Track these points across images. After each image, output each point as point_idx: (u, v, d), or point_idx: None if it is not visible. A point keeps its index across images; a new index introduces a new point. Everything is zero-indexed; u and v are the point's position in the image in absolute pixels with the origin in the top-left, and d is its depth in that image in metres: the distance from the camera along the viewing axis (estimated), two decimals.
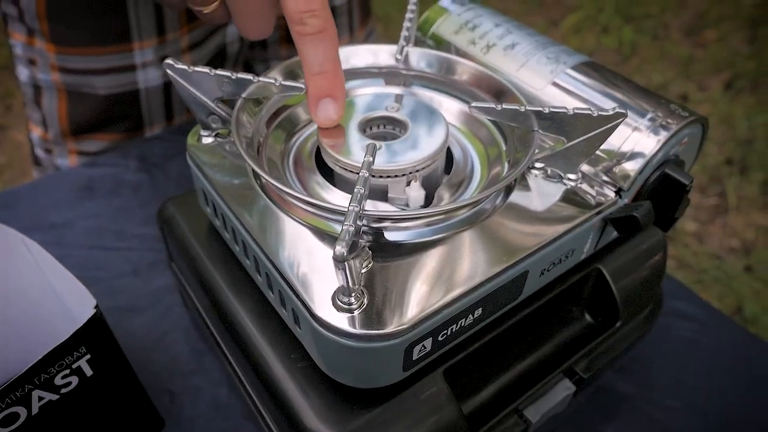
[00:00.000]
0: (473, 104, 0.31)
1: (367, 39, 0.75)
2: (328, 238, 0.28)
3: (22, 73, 0.59)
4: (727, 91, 1.69)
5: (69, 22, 0.54)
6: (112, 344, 0.32)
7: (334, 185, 0.32)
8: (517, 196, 0.31)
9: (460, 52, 0.39)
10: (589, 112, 0.29)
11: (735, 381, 0.44)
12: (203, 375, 0.42)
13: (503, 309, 0.31)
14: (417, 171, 0.30)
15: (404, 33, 0.36)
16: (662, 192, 0.33)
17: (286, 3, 0.29)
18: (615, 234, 0.35)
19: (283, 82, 0.31)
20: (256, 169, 0.28)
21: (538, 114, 0.30)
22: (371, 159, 0.26)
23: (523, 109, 0.30)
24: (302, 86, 0.31)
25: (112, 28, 0.55)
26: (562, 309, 0.38)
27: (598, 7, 1.99)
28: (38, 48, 0.57)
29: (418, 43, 0.42)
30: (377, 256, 0.27)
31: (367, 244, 0.28)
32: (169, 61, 0.31)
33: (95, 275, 0.50)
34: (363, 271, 0.26)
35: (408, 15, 0.37)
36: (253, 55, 0.71)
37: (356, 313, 0.25)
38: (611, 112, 0.29)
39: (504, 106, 0.30)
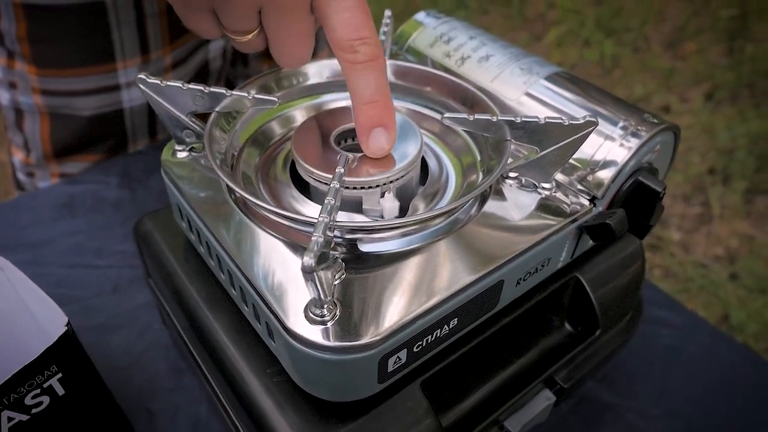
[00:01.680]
0: (446, 115, 0.31)
1: None
2: (301, 250, 0.28)
3: (3, 96, 0.59)
4: (708, 102, 1.71)
5: (51, 44, 0.54)
6: (85, 362, 0.32)
7: (311, 199, 0.31)
8: (491, 206, 0.31)
9: (436, 65, 0.40)
10: (561, 121, 0.29)
11: (717, 387, 0.44)
12: (182, 393, 0.42)
13: (480, 319, 0.31)
14: (390, 182, 0.30)
15: None
16: (636, 199, 0.33)
17: (335, 32, 0.28)
18: (592, 243, 0.35)
19: (257, 96, 0.31)
20: (227, 181, 0.28)
21: (510, 124, 0.30)
22: (342, 170, 0.26)
23: (495, 119, 0.30)
24: (275, 99, 0.31)
25: (95, 48, 0.55)
26: (541, 318, 0.37)
27: (580, 22, 2.02)
28: (19, 71, 0.56)
29: (395, 56, 0.42)
30: (351, 268, 0.27)
31: (342, 255, 0.28)
32: (141, 75, 0.31)
33: (74, 293, 0.49)
34: (336, 282, 0.26)
35: (382, 29, 0.38)
36: (236, 72, 0.72)
37: (328, 325, 0.25)
38: (582, 121, 0.29)
39: (476, 117, 0.30)
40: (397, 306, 0.26)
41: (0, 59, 0.57)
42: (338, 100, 0.37)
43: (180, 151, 0.34)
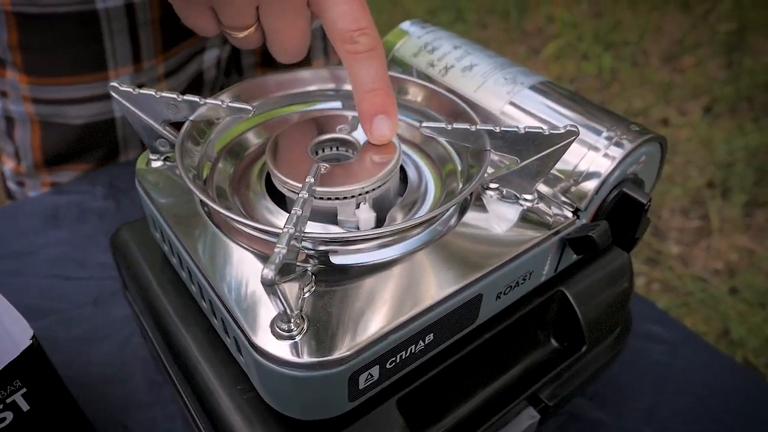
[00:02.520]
0: (424, 124, 0.30)
1: None
2: None
3: None
4: (707, 115, 1.71)
5: (42, 52, 0.54)
6: (52, 376, 0.31)
7: (287, 210, 0.31)
8: (471, 218, 0.30)
9: (420, 75, 0.39)
10: (541, 130, 0.29)
11: (710, 405, 0.43)
12: (159, 408, 0.41)
13: (459, 334, 0.30)
14: (366, 193, 0.29)
15: None
16: (621, 211, 0.33)
17: (334, 24, 0.29)
18: (577, 256, 0.34)
19: (230, 104, 0.31)
20: (195, 191, 0.27)
21: (490, 133, 0.29)
22: (312, 180, 0.26)
23: (473, 128, 0.29)
24: (249, 108, 0.31)
25: (87, 56, 0.55)
26: (526, 333, 0.36)
27: (578, 35, 2.03)
28: (9, 79, 0.56)
29: None
30: (323, 281, 0.26)
31: (313, 268, 0.27)
32: (114, 84, 0.30)
33: (55, 305, 0.48)
34: (305, 295, 0.25)
35: None
36: (230, 82, 0.71)
37: (295, 340, 0.24)
38: (563, 131, 0.28)
39: (455, 126, 0.30)
40: (368, 321, 0.25)
41: None
42: (316, 110, 0.36)
43: (155, 160, 0.33)
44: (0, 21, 0.52)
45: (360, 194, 0.29)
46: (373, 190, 0.29)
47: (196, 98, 0.30)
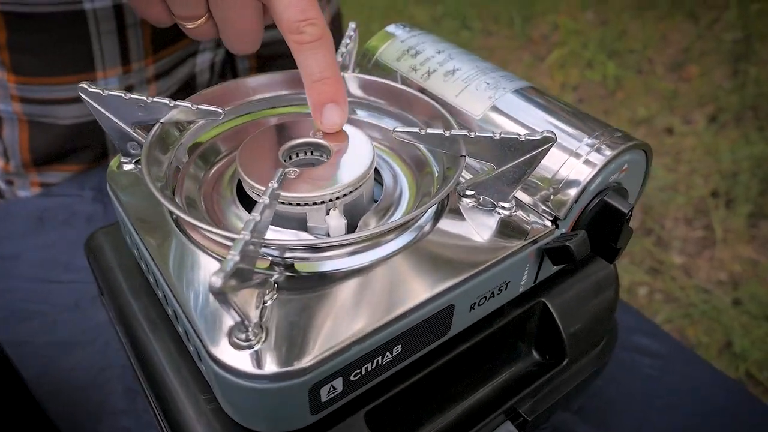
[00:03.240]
0: (397, 129, 0.30)
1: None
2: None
3: None
4: (712, 124, 1.69)
5: (30, 52, 0.54)
6: (16, 384, 0.30)
7: None
8: (445, 226, 0.29)
9: (403, 79, 0.38)
10: (516, 136, 0.28)
11: (699, 420, 0.42)
12: (133, 416, 0.40)
13: (431, 345, 0.29)
14: (337, 199, 0.28)
15: (338, 59, 0.35)
16: (602, 221, 0.32)
17: (282, 14, 0.30)
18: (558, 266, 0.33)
19: (201, 107, 0.30)
20: (156, 193, 0.26)
21: (464, 139, 0.29)
22: (276, 185, 0.25)
23: (448, 134, 0.29)
24: (219, 111, 0.30)
25: (75, 57, 0.54)
26: (505, 345, 0.35)
27: (583, 43, 2.02)
28: None
29: (363, 69, 0.41)
30: (287, 289, 0.25)
31: (280, 275, 0.26)
32: (82, 85, 0.30)
33: (39, 308, 0.48)
34: (266, 304, 0.25)
35: (344, 41, 0.36)
36: None
37: (252, 351, 0.23)
38: (539, 137, 0.27)
39: (429, 131, 0.29)
40: (330, 331, 0.24)
41: None
42: (290, 115, 0.36)
43: (126, 163, 0.32)
44: None
45: (330, 200, 0.28)
46: (344, 196, 0.29)
47: (165, 100, 0.30)
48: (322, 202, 0.28)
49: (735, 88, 1.80)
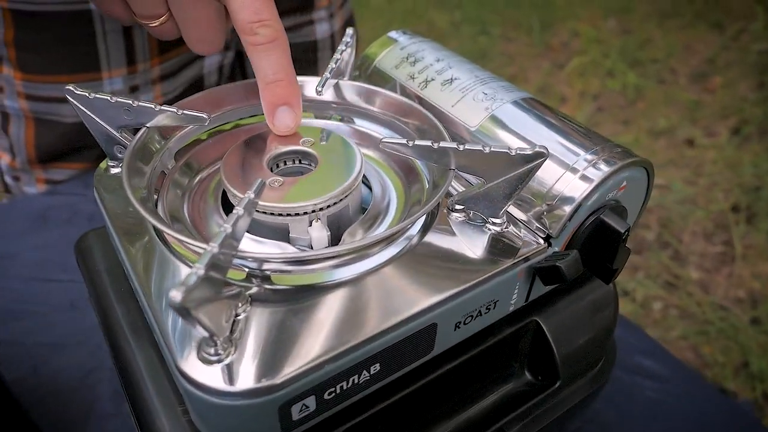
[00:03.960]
0: (384, 139, 0.29)
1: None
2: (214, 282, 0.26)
3: None
4: (734, 137, 1.65)
5: (36, 50, 0.54)
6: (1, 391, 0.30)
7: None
8: (433, 240, 0.28)
9: (401, 87, 0.38)
10: (507, 151, 0.27)
11: None
12: (120, 420, 0.40)
13: (412, 364, 0.28)
14: (320, 210, 0.28)
15: (331, 65, 0.34)
16: (598, 240, 0.30)
17: (236, 15, 0.30)
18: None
19: (186, 112, 0.29)
20: (131, 197, 0.26)
21: (453, 151, 0.28)
22: (252, 195, 0.24)
23: (436, 146, 0.28)
24: (204, 116, 0.30)
25: (80, 56, 0.55)
26: (496, 365, 0.34)
27: (603, 52, 1.99)
28: (5, 75, 0.56)
29: (362, 76, 0.40)
30: (263, 301, 0.25)
31: (257, 288, 0.25)
32: (69, 87, 0.29)
33: (33, 308, 0.48)
34: (239, 317, 0.24)
35: (340, 47, 0.36)
36: None
37: (220, 366, 0.22)
38: (530, 152, 0.26)
39: (416, 143, 0.28)
40: (302, 348, 0.23)
41: None
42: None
43: (113, 167, 0.32)
44: None
45: (313, 211, 0.27)
46: (328, 207, 0.28)
47: (151, 105, 0.29)
48: (305, 213, 0.27)
49: (760, 101, 1.75)
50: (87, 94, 0.29)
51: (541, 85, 1.90)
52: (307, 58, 0.75)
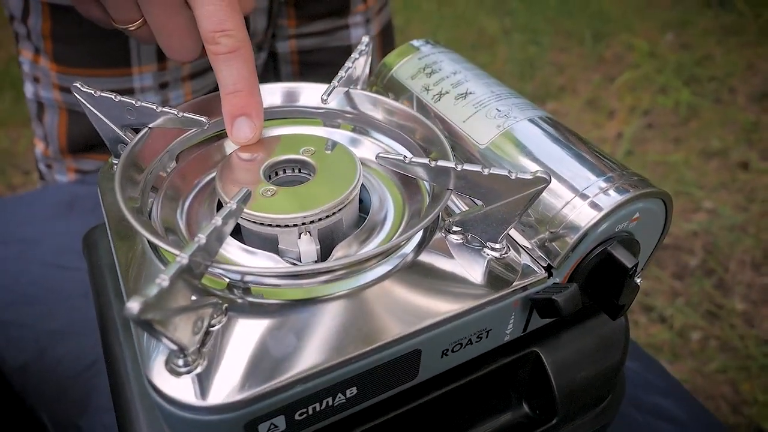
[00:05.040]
0: (379, 154, 0.28)
1: None
2: (195, 290, 0.25)
3: (28, 89, 0.61)
4: None
5: (71, 43, 0.56)
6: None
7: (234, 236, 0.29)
8: (428, 259, 0.27)
9: (415, 98, 0.37)
10: (506, 174, 0.25)
11: None
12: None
13: (395, 390, 0.27)
14: (311, 223, 0.27)
15: (341, 73, 0.34)
16: (604, 274, 0.28)
17: (200, 23, 0.30)
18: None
19: (185, 115, 0.29)
20: (120, 199, 0.25)
21: (450, 172, 0.26)
22: (234, 206, 0.24)
23: (433, 164, 0.26)
24: (203, 120, 0.29)
25: (112, 51, 0.56)
26: (494, 393, 0.33)
27: (658, 67, 1.91)
28: (42, 66, 0.58)
29: (378, 84, 0.39)
30: (241, 314, 0.24)
31: (239, 299, 0.25)
32: (76, 84, 0.30)
33: (47, 294, 0.49)
34: (213, 329, 0.23)
35: (353, 55, 0.35)
36: None
37: (186, 378, 0.22)
38: (530, 176, 0.25)
39: (413, 159, 0.27)
40: (274, 366, 0.23)
41: (27, 54, 0.59)
42: (294, 127, 0.34)
43: (116, 164, 0.32)
44: (37, 10, 0.54)
45: (303, 224, 0.27)
46: (319, 220, 0.27)
47: (152, 106, 0.29)
48: (294, 225, 0.27)
49: None
50: (93, 92, 0.30)
51: (590, 98, 1.84)
52: (340, 63, 0.75)
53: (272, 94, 0.33)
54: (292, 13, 0.67)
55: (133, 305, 0.18)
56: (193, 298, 0.25)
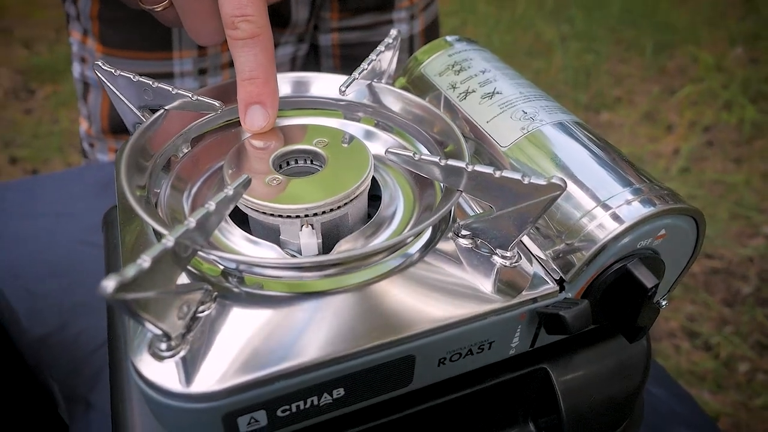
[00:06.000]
0: (389, 149, 0.27)
1: None
2: (191, 275, 0.25)
3: (75, 69, 0.63)
4: None
5: (117, 26, 0.57)
6: (7, 346, 0.31)
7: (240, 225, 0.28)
8: (433, 261, 0.26)
9: (442, 97, 0.35)
10: (519, 178, 0.24)
11: None
12: None
13: (387, 395, 0.26)
14: (314, 215, 0.26)
15: (363, 65, 0.33)
16: (621, 292, 0.26)
17: (222, 7, 0.29)
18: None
19: (199, 97, 0.29)
20: (123, 182, 0.25)
21: (459, 171, 0.25)
22: (230, 192, 0.23)
23: (443, 163, 0.25)
24: (216, 104, 0.29)
25: (155, 35, 0.57)
26: (499, 409, 0.31)
27: (723, 82, 1.82)
28: (89, 47, 0.60)
29: (407, 79, 0.38)
30: (232, 302, 0.24)
31: (227, 287, 0.24)
32: (98, 63, 0.30)
33: (75, 268, 0.50)
34: (200, 315, 0.23)
35: (379, 48, 0.34)
36: None
37: (167, 363, 0.21)
38: (544, 182, 0.23)
39: (422, 157, 0.26)
40: (257, 358, 0.22)
41: (76, 34, 0.61)
42: (313, 118, 0.34)
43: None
44: None
45: (306, 216, 0.26)
46: (323, 213, 0.26)
47: (168, 87, 0.29)
48: (297, 217, 0.26)
49: None
50: (113, 71, 0.30)
51: (648, 111, 1.77)
52: None
53: (290, 83, 0.33)
54: (336, 6, 0.66)
55: (108, 284, 0.18)
56: (186, 281, 0.25)
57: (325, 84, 0.34)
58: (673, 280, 0.30)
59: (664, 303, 0.31)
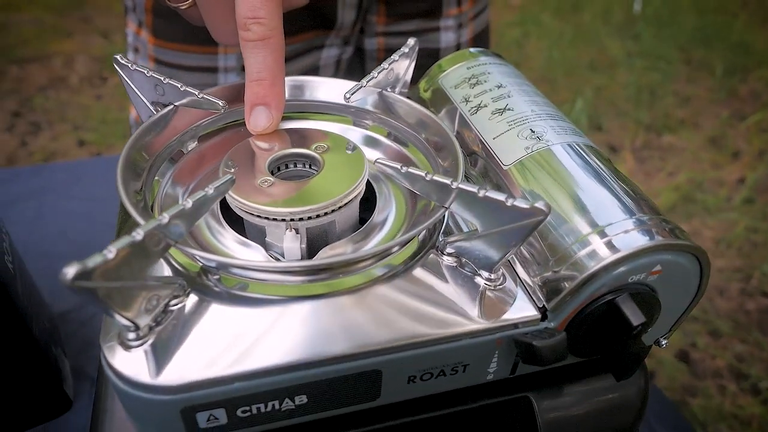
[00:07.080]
0: (378, 159, 0.26)
1: None
2: (173, 269, 0.25)
3: (129, 58, 0.66)
4: None
5: (169, 19, 0.59)
6: (11, 312, 0.33)
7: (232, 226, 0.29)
8: (412, 277, 0.25)
9: (457, 110, 0.35)
10: (501, 199, 0.23)
11: None
12: None
13: (354, 407, 0.25)
14: (299, 220, 0.26)
15: (373, 73, 0.33)
16: (607, 327, 0.25)
17: (237, 8, 0.30)
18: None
19: (205, 95, 0.30)
20: (119, 178, 0.26)
21: (444, 187, 0.24)
22: (211, 191, 0.23)
23: (428, 177, 0.25)
24: (220, 104, 0.30)
25: (203, 30, 0.59)
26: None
27: None
28: (142, 38, 0.63)
29: (425, 90, 0.38)
30: (200, 300, 0.24)
31: (202, 283, 0.25)
32: (117, 56, 0.31)
33: (96, 251, 0.53)
34: (171, 308, 0.23)
35: (393, 56, 0.34)
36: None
37: (134, 352, 0.22)
38: (526, 206, 0.22)
39: (409, 170, 0.25)
40: (219, 356, 0.22)
41: (132, 25, 0.64)
42: (316, 123, 0.34)
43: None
44: None
45: (292, 220, 0.26)
46: (309, 219, 0.26)
47: (177, 84, 0.30)
48: (282, 220, 0.26)
49: None
50: (129, 65, 0.31)
51: (713, 135, 1.69)
52: (427, 66, 0.74)
53: (298, 87, 0.33)
54: (383, 10, 0.66)
55: (68, 270, 0.19)
56: (166, 275, 0.25)
57: (331, 89, 0.34)
58: (674, 321, 0.28)
59: (664, 343, 0.29)
